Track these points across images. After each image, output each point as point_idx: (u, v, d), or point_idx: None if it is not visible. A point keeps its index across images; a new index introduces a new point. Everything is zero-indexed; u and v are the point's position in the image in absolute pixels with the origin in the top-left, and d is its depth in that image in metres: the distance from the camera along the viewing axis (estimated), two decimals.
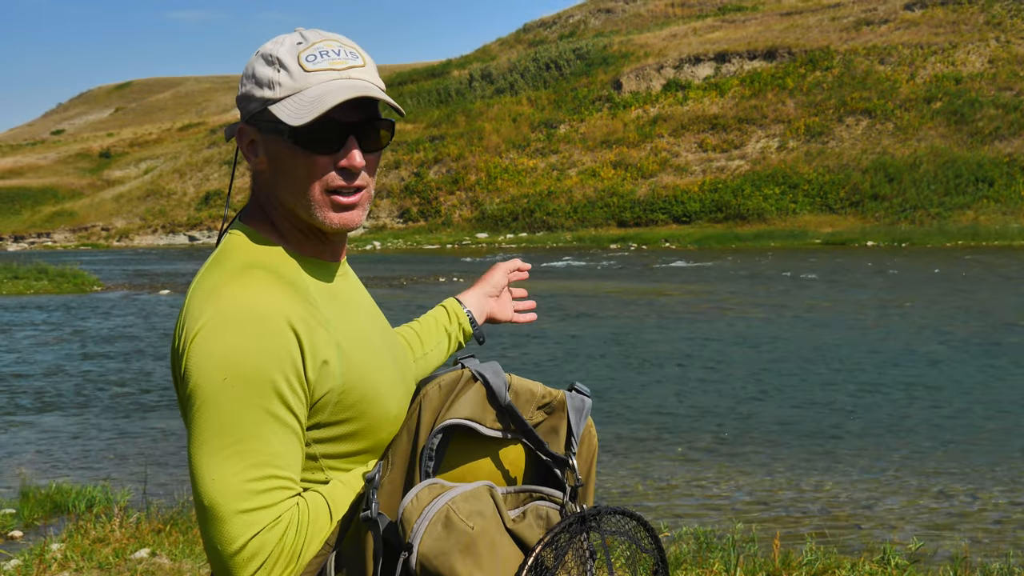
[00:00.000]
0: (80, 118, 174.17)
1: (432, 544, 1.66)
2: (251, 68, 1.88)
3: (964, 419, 12.09)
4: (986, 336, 18.69)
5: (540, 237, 66.76)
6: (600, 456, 10.50)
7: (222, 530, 1.71)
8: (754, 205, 63.93)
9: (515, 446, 1.82)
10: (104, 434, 12.16)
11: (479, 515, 1.70)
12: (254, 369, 1.72)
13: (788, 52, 77.91)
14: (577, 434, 1.87)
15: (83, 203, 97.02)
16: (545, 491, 1.83)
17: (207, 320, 1.75)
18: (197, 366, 1.73)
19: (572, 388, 1.93)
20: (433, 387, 1.82)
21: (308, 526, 1.78)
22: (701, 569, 6.03)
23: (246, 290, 1.77)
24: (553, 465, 1.84)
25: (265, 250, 1.87)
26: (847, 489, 9.24)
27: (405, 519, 1.68)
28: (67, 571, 6.28)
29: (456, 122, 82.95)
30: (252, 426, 1.72)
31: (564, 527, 1.75)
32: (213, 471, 1.71)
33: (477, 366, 1.84)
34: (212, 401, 1.72)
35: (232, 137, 1.94)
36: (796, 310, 23.67)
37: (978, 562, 6.54)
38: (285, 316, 1.76)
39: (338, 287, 1.95)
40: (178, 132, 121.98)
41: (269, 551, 1.73)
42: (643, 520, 1.87)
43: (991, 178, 60.25)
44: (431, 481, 1.74)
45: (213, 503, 1.71)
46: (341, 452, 1.86)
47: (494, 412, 1.80)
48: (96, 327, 23.14)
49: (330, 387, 1.80)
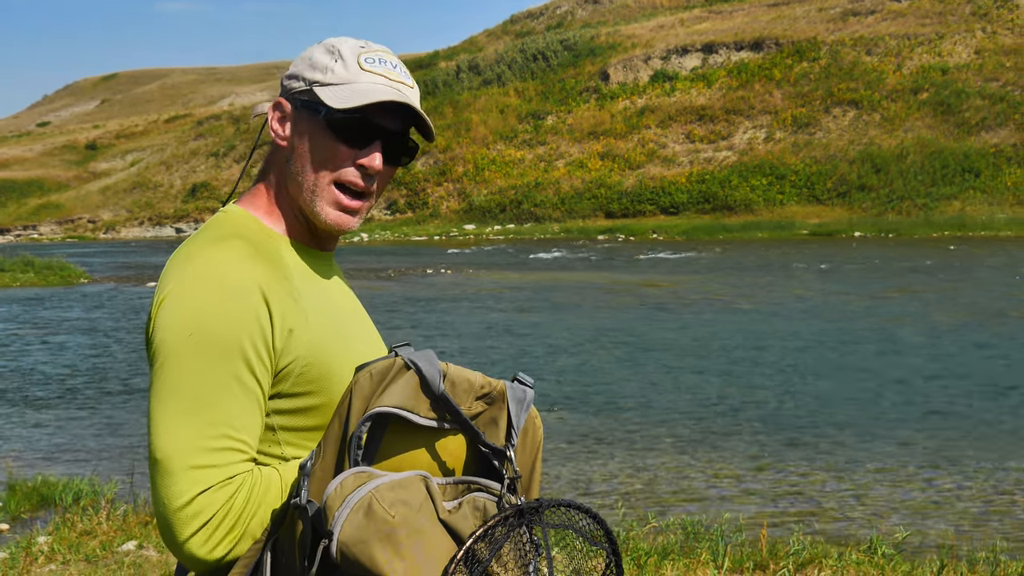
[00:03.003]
0: (66, 110, 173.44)
1: (351, 532, 1.63)
2: (309, 53, 1.96)
3: (949, 409, 12.13)
4: (971, 327, 18.75)
5: (528, 228, 66.73)
6: (587, 445, 10.52)
7: (169, 484, 1.71)
8: (741, 196, 63.96)
9: (456, 437, 1.79)
10: (91, 427, 12.13)
11: (403, 504, 1.67)
12: (222, 331, 1.74)
13: (775, 43, 77.91)
14: (517, 425, 1.82)
15: (69, 195, 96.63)
16: (484, 483, 1.79)
17: (179, 282, 1.78)
18: (165, 324, 1.76)
19: (515, 379, 1.89)
20: (364, 375, 1.77)
21: (259, 496, 1.78)
22: (688, 559, 6.04)
23: (220, 257, 1.80)
24: (491, 456, 1.81)
25: (248, 226, 1.90)
26: (834, 479, 9.27)
27: (328, 506, 1.66)
28: (54, 563, 6.27)
29: (443, 113, 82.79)
30: (213, 386, 1.73)
31: (500, 520, 1.72)
32: (168, 425, 1.72)
33: (410, 354, 1.79)
34: (175, 358, 1.74)
35: (261, 114, 2.00)
36: (783, 301, 23.71)
37: (964, 551, 6.56)
38: (256, 283, 1.79)
39: (319, 270, 1.98)
40: (164, 124, 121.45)
41: (215, 510, 1.73)
42: (592, 512, 1.82)
43: (977, 169, 60.39)
44: (359, 469, 1.71)
45: (164, 457, 1.72)
46: (299, 426, 1.87)
47: (428, 401, 1.76)
48: (82, 319, 23.07)
49: (294, 356, 1.82)
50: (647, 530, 6.82)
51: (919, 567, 6.01)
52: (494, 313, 22.47)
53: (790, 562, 5.96)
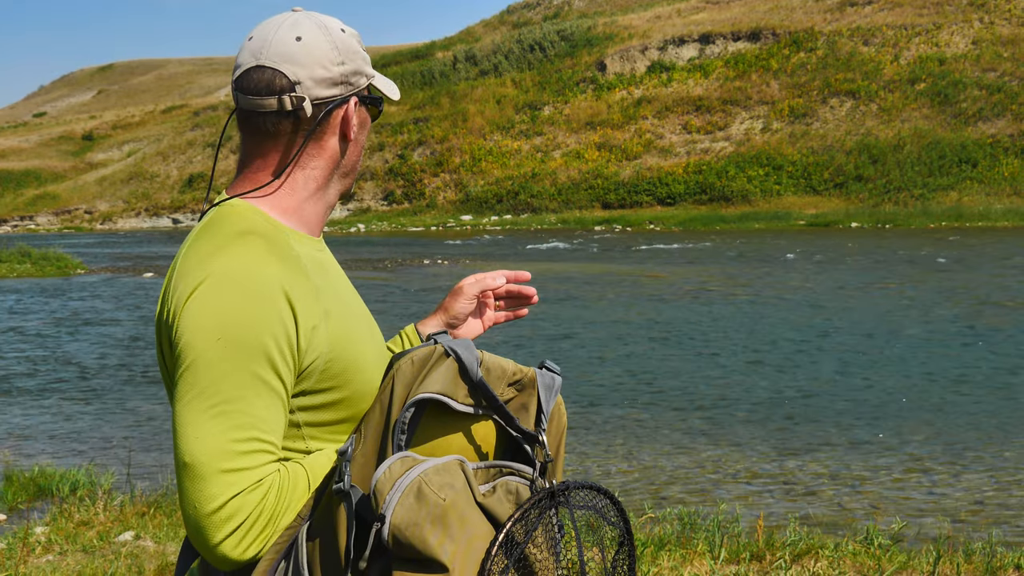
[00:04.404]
0: (62, 100, 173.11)
1: (404, 515, 1.67)
2: (354, 46, 1.99)
3: (946, 400, 12.15)
4: (969, 318, 18.77)
5: (525, 219, 66.68)
6: (585, 437, 10.54)
7: (202, 488, 1.72)
8: (738, 187, 63.96)
9: (486, 422, 1.84)
10: (88, 417, 12.13)
11: (450, 487, 1.71)
12: (248, 332, 1.74)
13: (772, 33, 77.85)
14: (547, 411, 1.88)
15: (66, 186, 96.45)
16: (515, 467, 1.84)
17: (203, 281, 1.77)
18: (191, 325, 1.75)
19: (543, 366, 1.95)
20: (406, 362, 1.82)
21: (288, 494, 1.79)
22: (685, 550, 6.05)
23: (242, 254, 1.80)
24: (523, 441, 1.86)
25: (258, 221, 1.89)
26: (830, 470, 9.28)
27: (378, 491, 1.69)
28: (51, 554, 6.27)
29: (440, 104, 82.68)
30: (240, 388, 1.74)
31: (534, 502, 1.77)
32: (197, 429, 1.72)
33: (449, 342, 1.84)
34: (203, 360, 1.74)
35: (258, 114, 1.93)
36: (780, 291, 23.72)
37: (961, 542, 6.57)
38: (280, 282, 1.79)
39: (325, 259, 2.00)
40: (161, 115, 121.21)
41: (248, 513, 1.74)
42: (610, 494, 1.89)
43: (974, 159, 60.42)
44: (403, 454, 1.75)
45: (195, 461, 1.72)
46: (324, 420, 1.89)
47: (466, 388, 1.81)
48: (79, 310, 23.05)
49: (318, 354, 1.83)
50: (644, 521, 6.83)
51: (915, 558, 6.02)
52: None
53: (786, 553, 5.96)
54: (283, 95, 1.90)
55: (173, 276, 1.84)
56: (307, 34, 1.92)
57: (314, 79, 1.91)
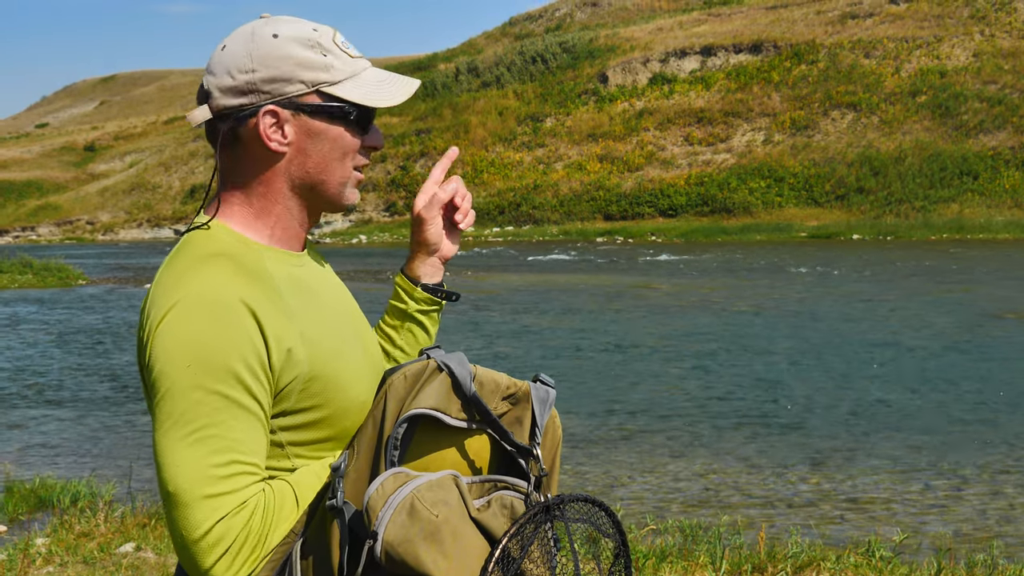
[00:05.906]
0: (64, 111, 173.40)
1: (397, 532, 1.66)
2: (284, 50, 1.86)
3: (947, 412, 12.14)
4: (970, 329, 18.76)
5: (526, 231, 66.73)
6: (586, 448, 10.53)
7: (187, 515, 1.72)
8: (740, 198, 63.99)
9: (480, 436, 1.82)
10: (88, 428, 12.12)
11: (443, 503, 1.70)
12: (216, 355, 1.73)
13: (774, 46, 77.94)
14: (541, 424, 1.87)
15: (68, 197, 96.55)
16: (509, 481, 1.83)
17: (169, 308, 1.76)
18: (161, 354, 1.74)
19: (537, 379, 1.93)
20: (399, 377, 1.82)
21: (274, 512, 1.79)
22: (687, 562, 6.04)
23: (209, 278, 1.78)
24: (517, 455, 1.84)
25: (229, 241, 1.87)
26: (832, 482, 9.27)
27: (370, 507, 1.69)
28: (52, 565, 6.27)
29: (442, 115, 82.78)
30: (215, 413, 1.73)
31: (530, 517, 1.76)
32: (176, 457, 1.72)
33: (443, 356, 1.84)
34: (176, 388, 1.73)
35: (215, 125, 1.89)
36: (781, 303, 23.72)
37: (962, 553, 6.56)
38: (245, 302, 1.77)
39: (305, 275, 1.95)
40: (163, 125, 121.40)
41: (234, 536, 1.73)
42: (605, 506, 1.88)
43: (976, 171, 60.46)
44: (396, 470, 1.74)
45: (177, 489, 1.72)
46: (307, 439, 1.87)
47: (459, 402, 1.80)
48: (81, 321, 23.06)
49: (295, 375, 1.81)
50: (645, 532, 6.82)
51: (917, 570, 6.01)
52: (492, 315, 22.47)
53: (788, 565, 5.96)
54: (202, 106, 1.89)
55: (147, 302, 1.82)
56: (231, 42, 1.88)
57: (220, 88, 1.87)
